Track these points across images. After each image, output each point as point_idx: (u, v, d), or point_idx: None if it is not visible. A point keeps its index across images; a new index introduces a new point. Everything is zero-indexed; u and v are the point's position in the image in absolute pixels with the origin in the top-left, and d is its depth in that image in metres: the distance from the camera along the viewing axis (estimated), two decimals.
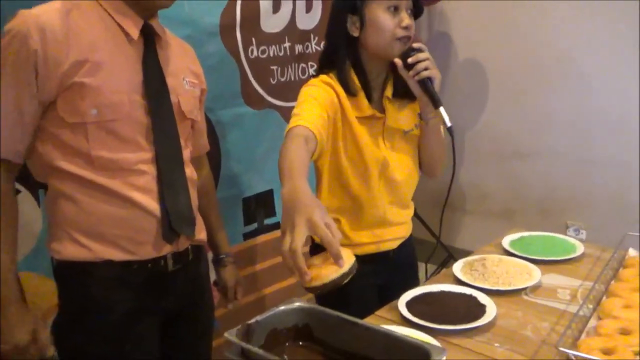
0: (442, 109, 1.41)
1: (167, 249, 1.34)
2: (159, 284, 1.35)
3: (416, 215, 2.89)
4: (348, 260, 1.01)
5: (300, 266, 0.96)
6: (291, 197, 1.03)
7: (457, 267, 1.56)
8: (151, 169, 1.29)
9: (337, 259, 0.98)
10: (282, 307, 1.06)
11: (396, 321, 1.31)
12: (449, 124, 1.40)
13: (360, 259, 1.59)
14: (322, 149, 1.41)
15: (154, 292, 1.35)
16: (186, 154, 1.39)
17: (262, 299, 2.27)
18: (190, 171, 1.40)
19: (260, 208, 2.23)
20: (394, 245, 1.61)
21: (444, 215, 1.67)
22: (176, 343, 1.45)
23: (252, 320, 1.01)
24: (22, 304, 1.24)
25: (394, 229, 1.60)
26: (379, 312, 1.37)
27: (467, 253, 1.71)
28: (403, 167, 1.56)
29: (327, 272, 0.99)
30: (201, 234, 1.46)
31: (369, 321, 1.21)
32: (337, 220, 1.57)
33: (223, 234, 1.66)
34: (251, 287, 2.18)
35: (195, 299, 1.46)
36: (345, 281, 1.01)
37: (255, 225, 2.22)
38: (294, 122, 1.33)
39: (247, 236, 2.20)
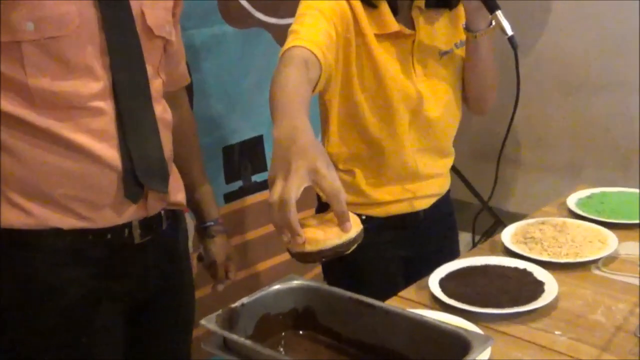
0: (499, 14, 1.37)
1: (132, 214, 1.35)
2: (123, 260, 1.36)
3: (453, 168, 2.88)
4: (355, 225, 1.01)
5: (291, 222, 0.96)
6: (287, 138, 1.02)
7: (508, 235, 1.57)
8: (109, 107, 1.28)
9: (343, 220, 0.98)
10: (277, 286, 1.06)
11: (426, 304, 1.32)
12: (509, 32, 1.36)
13: (381, 223, 1.63)
14: (328, 78, 1.40)
15: (117, 271, 1.36)
16: (156, 85, 1.38)
17: (252, 278, 2.30)
18: (162, 109, 1.40)
19: (246, 160, 2.23)
20: (425, 204, 1.62)
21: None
22: (147, 336, 1.47)
23: (237, 304, 1.01)
24: None
25: (426, 183, 1.61)
26: (404, 293, 1.38)
27: (520, 217, 1.71)
28: (440, 101, 1.55)
29: (326, 236, 0.98)
30: (178, 195, 1.46)
31: (391, 304, 1.21)
32: (349, 173, 1.57)
33: (209, 194, 1.68)
34: (238, 262, 2.20)
35: (171, 280, 1.48)
36: (348, 252, 1.01)
37: (239, 184, 2.22)
38: (291, 41, 1.32)
39: (230, 197, 2.21)
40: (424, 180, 1.60)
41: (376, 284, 1.58)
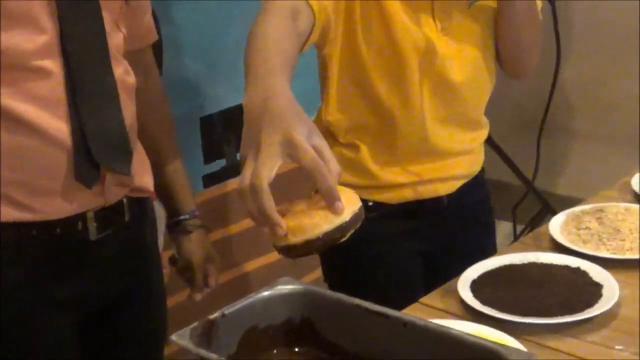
0: None
1: (86, 202, 1.35)
2: (75, 261, 1.37)
3: (489, 141, 2.88)
4: (349, 204, 1.00)
5: (266, 211, 0.96)
6: (258, 105, 1.03)
7: (557, 225, 1.56)
8: (56, 67, 1.29)
9: (330, 200, 0.97)
10: (267, 292, 1.06)
11: (454, 312, 1.32)
12: None
13: (394, 210, 1.63)
14: (325, 27, 1.39)
15: (68, 273, 1.36)
16: (115, 41, 1.39)
17: (237, 281, 2.32)
18: (122, 71, 1.40)
19: (229, 134, 2.23)
20: (449, 187, 1.63)
21: (540, 143, 1.66)
22: (106, 353, 1.48)
23: (217, 314, 1.01)
24: None
25: (451, 162, 1.61)
26: (427, 299, 1.38)
27: (573, 202, 1.71)
28: (466, 62, 1.56)
29: (313, 222, 0.98)
30: (144, 178, 1.47)
31: (411, 313, 1.22)
32: (352, 148, 1.57)
33: (183, 177, 1.69)
34: (220, 262, 2.21)
35: (136, 285, 1.48)
36: (344, 238, 1.00)
37: (221, 163, 2.24)
38: None
39: (210, 180, 2.22)
40: (447, 158, 1.60)
41: (390, 288, 1.59)
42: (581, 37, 3.08)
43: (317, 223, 0.97)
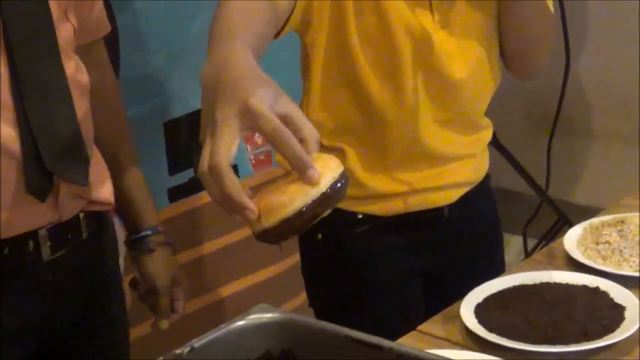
0: None
1: (38, 218, 1.36)
2: (25, 286, 1.38)
3: (496, 144, 2.89)
4: (327, 170, 0.98)
5: (232, 194, 0.95)
6: (212, 77, 1.02)
7: (573, 239, 1.57)
8: (1, 64, 1.30)
9: (301, 169, 0.96)
10: (241, 323, 1.06)
11: (457, 341, 1.32)
12: None
13: (387, 223, 1.61)
14: (307, 9, 1.38)
15: (14, 301, 1.37)
16: (64, 33, 1.39)
17: (210, 309, 2.30)
18: (74, 67, 1.41)
19: (198, 140, 2.20)
20: (449, 196, 1.63)
21: (551, 145, 1.67)
22: None
23: (184, 348, 1.01)
24: None
25: (448, 168, 1.62)
26: (426, 326, 1.38)
27: (591, 212, 1.72)
28: (468, 58, 1.57)
29: (286, 198, 0.97)
30: (103, 188, 1.48)
31: (407, 343, 1.22)
32: (338, 152, 1.57)
33: (143, 188, 1.69)
34: (190, 288, 2.21)
35: (94, 313, 1.48)
36: (327, 212, 0.98)
37: (190, 173, 2.24)
38: None
39: (176, 194, 2.22)
40: (443, 164, 1.61)
41: (384, 314, 1.59)
42: (598, 28, 3.10)
43: (291, 198, 0.96)
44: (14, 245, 1.35)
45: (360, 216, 1.57)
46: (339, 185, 0.98)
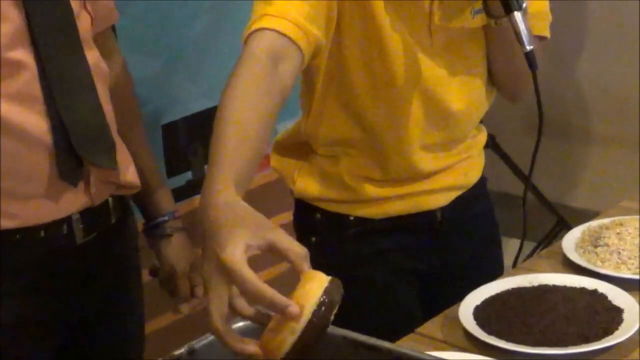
0: (517, 16, 1.37)
1: (72, 203, 1.40)
2: (61, 269, 1.41)
3: (494, 148, 2.89)
4: (309, 297, 1.01)
5: (233, 347, 1.00)
6: (201, 215, 1.08)
7: (571, 241, 1.57)
8: (29, 58, 1.33)
9: (280, 311, 1.00)
10: (242, 323, 1.07)
11: (456, 343, 1.32)
12: (527, 46, 1.37)
13: (380, 225, 1.61)
14: (316, 51, 1.38)
15: (51, 285, 1.41)
16: (84, 24, 1.42)
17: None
18: (95, 57, 1.44)
19: (196, 143, 2.23)
20: (441, 199, 1.62)
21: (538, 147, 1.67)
22: None
23: (183, 350, 1.03)
24: None
25: (439, 175, 1.60)
26: (424, 328, 1.38)
27: (589, 215, 1.72)
28: (467, 88, 1.56)
29: (280, 339, 0.99)
30: (129, 171, 1.51)
31: (406, 344, 1.22)
32: (334, 160, 1.58)
33: (158, 175, 1.71)
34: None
35: (115, 301, 1.52)
36: (327, 326, 1.01)
37: (188, 176, 2.24)
38: (259, 19, 1.31)
39: (174, 196, 2.19)
40: (433, 175, 1.60)
41: (383, 315, 1.59)
42: (598, 32, 3.09)
43: (283, 339, 0.99)
44: (50, 229, 1.39)
45: (352, 218, 1.57)
46: (325, 305, 1.02)
